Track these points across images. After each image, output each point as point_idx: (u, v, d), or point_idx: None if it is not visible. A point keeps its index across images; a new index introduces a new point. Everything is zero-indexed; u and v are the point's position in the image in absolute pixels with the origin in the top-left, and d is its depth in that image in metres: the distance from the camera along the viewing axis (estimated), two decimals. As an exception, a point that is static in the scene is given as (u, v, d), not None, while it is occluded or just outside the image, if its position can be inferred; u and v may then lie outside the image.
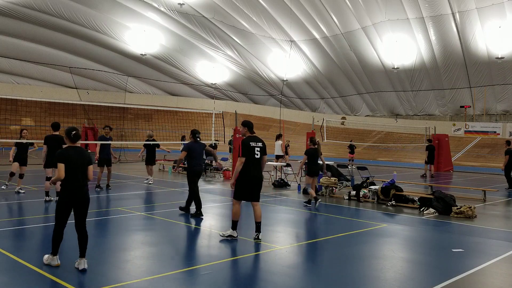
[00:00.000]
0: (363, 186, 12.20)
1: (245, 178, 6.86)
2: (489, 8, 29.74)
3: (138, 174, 18.37)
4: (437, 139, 24.85)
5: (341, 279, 5.32)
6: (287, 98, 48.53)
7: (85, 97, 41.28)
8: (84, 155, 5.36)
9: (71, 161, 5.18)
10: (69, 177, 5.17)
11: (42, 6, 35.44)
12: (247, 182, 6.88)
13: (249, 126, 7.15)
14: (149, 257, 6.01)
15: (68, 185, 5.18)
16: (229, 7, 37.05)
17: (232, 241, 7.02)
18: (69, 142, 5.38)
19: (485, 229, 8.53)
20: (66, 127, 5.49)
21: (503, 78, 34.14)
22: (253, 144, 6.96)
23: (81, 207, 5.31)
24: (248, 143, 6.94)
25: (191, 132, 9.31)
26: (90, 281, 4.89)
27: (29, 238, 7.05)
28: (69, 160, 5.17)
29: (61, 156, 5.16)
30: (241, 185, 6.90)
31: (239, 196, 6.95)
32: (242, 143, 6.97)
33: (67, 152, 5.23)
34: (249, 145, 6.91)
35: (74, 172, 5.18)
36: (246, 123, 7.17)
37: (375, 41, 36.34)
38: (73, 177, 5.18)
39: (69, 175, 5.16)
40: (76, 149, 5.35)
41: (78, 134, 5.39)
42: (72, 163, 5.19)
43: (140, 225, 8.24)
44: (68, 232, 5.61)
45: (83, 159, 5.31)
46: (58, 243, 5.29)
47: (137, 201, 10.75)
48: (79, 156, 5.27)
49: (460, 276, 5.46)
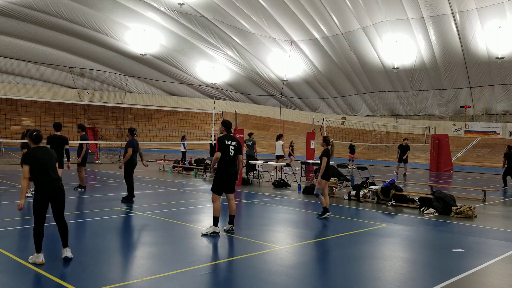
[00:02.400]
0: (363, 186, 12.19)
1: (222, 175, 7.45)
2: (489, 8, 29.74)
3: (138, 174, 18.36)
4: (437, 139, 24.85)
5: (341, 279, 5.32)
6: (287, 98, 48.52)
7: (85, 97, 41.31)
8: (51, 153, 5.76)
9: (39, 160, 5.51)
10: (40, 174, 5.49)
11: (42, 6, 35.44)
12: (224, 178, 7.46)
13: (227, 125, 7.73)
14: (149, 257, 6.01)
15: (40, 180, 5.50)
16: (229, 7, 37.05)
17: (232, 241, 7.02)
18: (32, 143, 5.73)
19: (485, 229, 8.53)
20: (29, 130, 5.99)
21: (503, 78, 34.14)
22: (228, 142, 7.51)
23: (56, 200, 5.58)
24: (223, 140, 7.53)
25: (129, 130, 11.05)
26: (90, 281, 4.90)
27: (29, 238, 7.04)
28: (36, 160, 5.50)
29: (26, 158, 5.54)
30: (219, 181, 7.47)
31: (218, 191, 7.46)
32: (218, 140, 7.60)
33: (33, 153, 5.56)
34: (224, 143, 7.49)
35: (44, 168, 5.51)
36: (224, 122, 7.76)
37: (375, 41, 36.34)
38: (43, 173, 5.50)
39: (39, 172, 5.49)
40: (42, 148, 5.72)
41: (39, 135, 5.74)
42: (41, 161, 5.51)
43: (140, 225, 8.24)
44: (73, 238, 5.59)
45: (50, 156, 5.68)
46: (39, 239, 5.46)
47: (137, 201, 10.75)
48: (45, 155, 5.63)
49: (460, 276, 5.45)
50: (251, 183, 15.55)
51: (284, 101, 48.31)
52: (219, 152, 7.45)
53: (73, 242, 6.95)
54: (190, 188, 13.97)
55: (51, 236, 6.34)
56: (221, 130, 7.79)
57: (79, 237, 7.20)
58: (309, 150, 17.76)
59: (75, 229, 7.89)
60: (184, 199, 11.64)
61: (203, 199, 11.55)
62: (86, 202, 10.79)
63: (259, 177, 16.36)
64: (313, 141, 17.95)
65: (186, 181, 16.32)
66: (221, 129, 7.80)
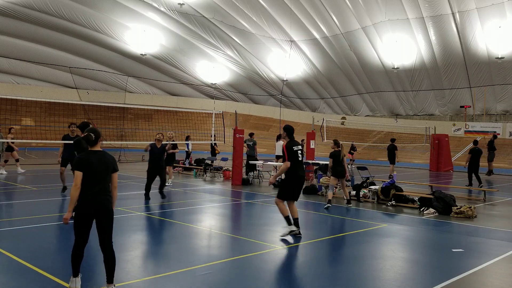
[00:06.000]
0: (363, 186, 12.20)
1: (293, 181, 7.31)
2: (489, 8, 29.74)
3: (138, 174, 18.37)
4: (437, 139, 24.85)
5: (341, 279, 5.32)
6: (287, 98, 48.52)
7: (85, 97, 41.29)
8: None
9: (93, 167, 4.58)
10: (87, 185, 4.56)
11: (42, 6, 35.43)
12: (295, 184, 7.36)
13: (289, 131, 7.54)
14: (149, 257, 6.01)
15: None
16: (229, 7, 37.05)
17: (232, 241, 7.02)
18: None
19: (485, 229, 8.53)
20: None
21: (503, 78, 34.13)
22: (295, 148, 7.37)
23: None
24: (291, 147, 7.35)
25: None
26: (90, 281, 4.89)
27: (30, 238, 7.04)
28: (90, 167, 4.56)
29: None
30: (289, 187, 7.33)
31: (286, 197, 7.37)
32: (286, 148, 7.36)
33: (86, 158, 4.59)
34: (292, 149, 7.33)
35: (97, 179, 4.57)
36: (287, 128, 7.58)
37: (375, 41, 36.33)
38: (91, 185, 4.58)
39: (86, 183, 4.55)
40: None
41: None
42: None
43: (140, 225, 8.24)
44: (74, 238, 5.58)
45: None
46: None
47: (137, 201, 10.76)
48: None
49: (460, 276, 5.46)
50: (251, 183, 15.55)
51: (284, 101, 48.31)
52: (289, 162, 7.23)
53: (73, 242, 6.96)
54: (190, 188, 13.96)
55: (51, 236, 6.34)
56: (283, 135, 7.61)
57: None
58: (309, 150, 17.76)
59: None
60: (184, 199, 11.64)
61: (203, 199, 11.56)
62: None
63: (259, 177, 16.37)
64: (313, 141, 17.95)
65: (186, 181, 16.31)
66: (283, 135, 7.62)
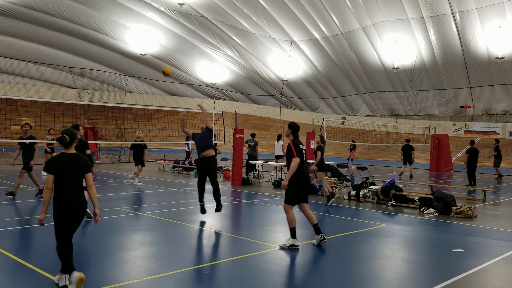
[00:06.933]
0: (363, 186, 12.19)
1: (299, 182, 6.75)
2: (489, 8, 29.75)
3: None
4: (437, 139, 24.84)
5: (341, 279, 5.32)
6: (287, 98, 48.52)
7: (85, 97, 41.28)
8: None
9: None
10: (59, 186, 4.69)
11: (42, 6, 35.44)
12: (301, 186, 6.80)
13: (294, 128, 7.05)
14: (149, 257, 6.01)
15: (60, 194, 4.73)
16: (229, 7, 37.05)
17: (232, 241, 7.01)
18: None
19: (485, 229, 8.53)
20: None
21: (503, 78, 34.14)
22: (301, 147, 6.90)
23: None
24: (298, 144, 6.85)
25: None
26: (90, 281, 4.89)
27: (29, 238, 7.05)
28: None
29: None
30: (296, 190, 6.73)
31: (294, 201, 6.78)
32: (293, 144, 6.84)
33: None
34: (299, 147, 6.83)
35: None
36: (292, 125, 7.09)
37: (375, 41, 36.34)
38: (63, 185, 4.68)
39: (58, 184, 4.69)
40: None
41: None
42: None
43: (140, 225, 8.24)
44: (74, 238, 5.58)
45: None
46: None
47: (137, 201, 10.75)
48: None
49: (460, 276, 5.46)
50: (251, 183, 15.55)
51: (284, 101, 48.31)
52: (298, 158, 6.65)
53: (74, 242, 6.96)
54: (190, 188, 13.96)
55: (51, 236, 6.34)
56: (287, 133, 7.07)
57: (80, 237, 7.20)
58: (309, 150, 17.75)
59: (75, 229, 7.90)
60: (184, 199, 11.64)
61: (205, 199, 11.54)
62: (86, 202, 10.77)
63: (259, 177, 16.37)
64: (313, 141, 17.95)
65: (186, 181, 16.32)
66: (287, 132, 7.07)
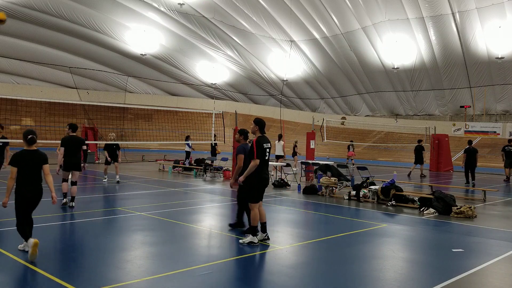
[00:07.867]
0: (363, 186, 12.19)
1: (259, 182, 6.66)
2: (489, 8, 29.75)
3: (138, 174, 18.39)
4: (437, 139, 24.84)
5: (341, 279, 5.32)
6: (287, 98, 48.52)
7: (85, 97, 41.30)
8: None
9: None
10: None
11: (42, 6, 35.44)
12: (260, 185, 6.72)
13: (261, 124, 6.72)
14: (149, 257, 6.01)
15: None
16: (229, 7, 37.05)
17: (232, 241, 7.01)
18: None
19: (485, 229, 8.53)
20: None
21: (503, 78, 34.15)
22: (265, 146, 6.62)
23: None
24: (262, 144, 6.55)
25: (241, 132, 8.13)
26: (90, 281, 4.89)
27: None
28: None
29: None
30: (256, 189, 6.69)
31: (256, 199, 6.73)
32: (256, 143, 6.51)
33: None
34: (262, 147, 6.57)
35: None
36: (258, 121, 6.77)
37: (375, 41, 36.34)
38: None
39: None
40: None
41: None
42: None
43: (140, 225, 8.23)
44: (74, 238, 5.59)
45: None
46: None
47: (137, 201, 10.75)
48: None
49: (460, 276, 5.45)
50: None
51: (284, 101, 48.31)
52: (258, 160, 6.46)
53: (74, 242, 6.96)
54: (190, 188, 13.97)
55: (51, 236, 6.34)
56: (254, 129, 6.71)
57: (80, 237, 7.20)
58: (309, 150, 17.78)
59: (76, 229, 7.90)
60: (184, 199, 11.64)
61: (203, 199, 11.56)
62: (86, 202, 10.78)
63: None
64: (313, 141, 17.98)
65: (186, 181, 16.32)
66: (253, 129, 6.72)
